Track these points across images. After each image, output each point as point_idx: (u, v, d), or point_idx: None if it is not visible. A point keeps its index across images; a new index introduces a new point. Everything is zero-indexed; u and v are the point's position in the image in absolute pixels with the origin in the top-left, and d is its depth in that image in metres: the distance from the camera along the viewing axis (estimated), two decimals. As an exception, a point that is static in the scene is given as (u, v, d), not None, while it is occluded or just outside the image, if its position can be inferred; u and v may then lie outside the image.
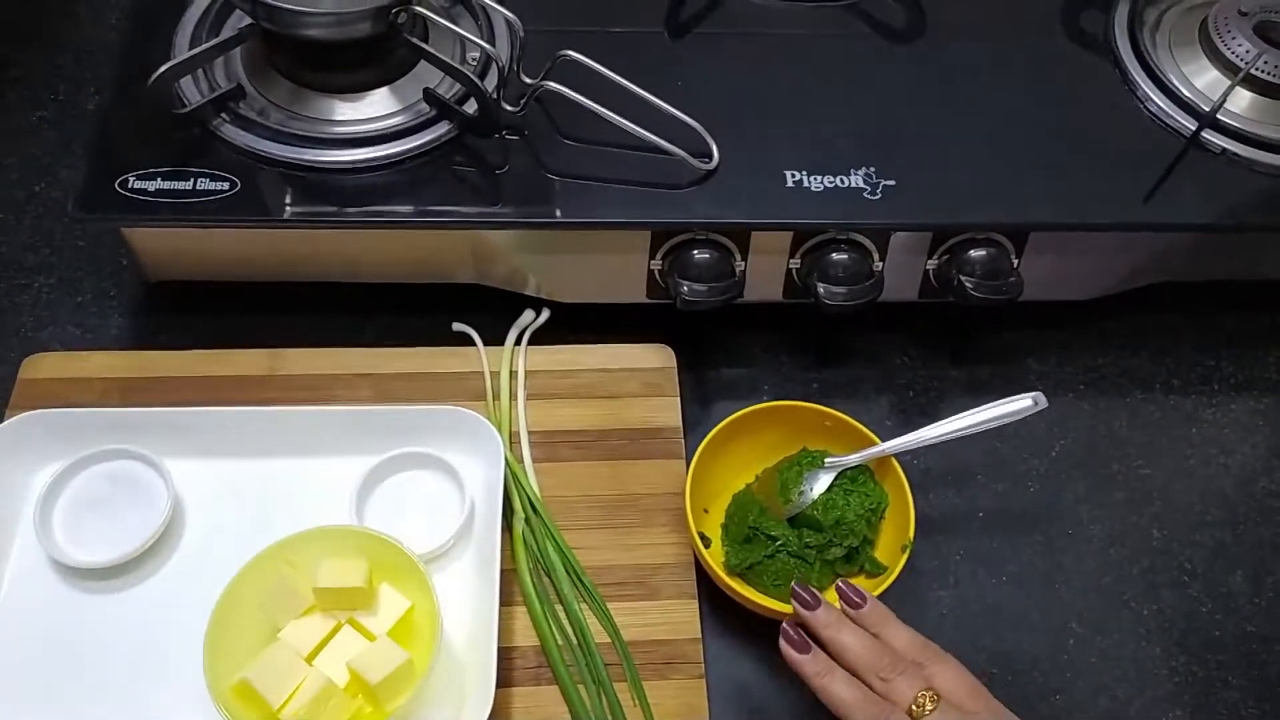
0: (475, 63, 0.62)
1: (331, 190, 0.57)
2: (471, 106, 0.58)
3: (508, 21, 0.60)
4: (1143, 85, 0.65)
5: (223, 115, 0.58)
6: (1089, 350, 0.67)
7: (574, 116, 0.60)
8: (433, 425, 0.55)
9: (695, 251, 0.59)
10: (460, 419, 0.55)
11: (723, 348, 0.65)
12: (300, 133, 0.58)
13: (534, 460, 0.58)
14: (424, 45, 0.57)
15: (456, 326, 0.62)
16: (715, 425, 0.57)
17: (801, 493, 0.55)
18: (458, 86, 0.59)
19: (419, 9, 0.55)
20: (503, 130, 0.60)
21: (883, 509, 0.56)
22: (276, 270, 0.61)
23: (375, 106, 0.60)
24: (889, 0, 0.70)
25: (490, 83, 0.59)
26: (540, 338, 0.63)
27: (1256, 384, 0.66)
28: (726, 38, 0.67)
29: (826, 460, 0.56)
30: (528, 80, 0.60)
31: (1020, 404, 0.54)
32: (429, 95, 0.59)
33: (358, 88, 0.60)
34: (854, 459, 0.55)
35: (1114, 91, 0.66)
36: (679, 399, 0.61)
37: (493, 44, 0.62)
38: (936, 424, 0.55)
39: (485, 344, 0.62)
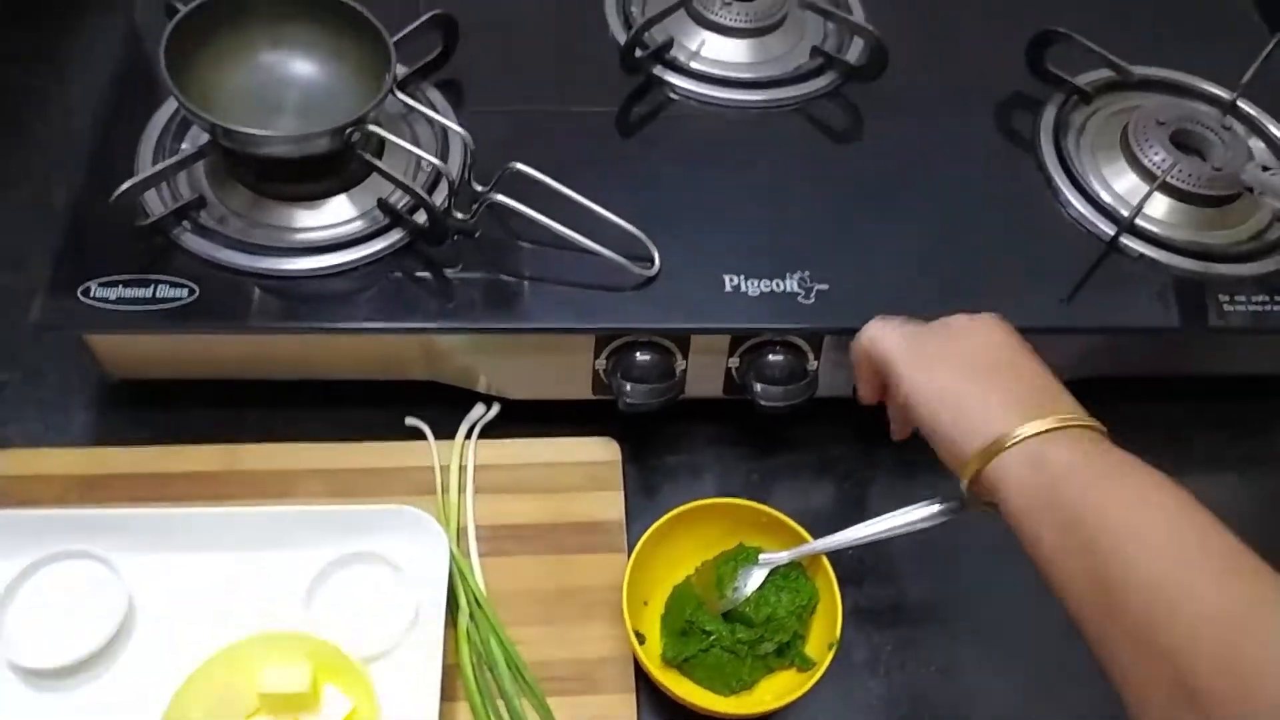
0: (430, 170, 0.65)
1: (288, 297, 0.60)
2: (423, 216, 0.61)
3: (461, 138, 0.63)
4: (1064, 190, 0.68)
5: (184, 224, 0.60)
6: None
7: (524, 220, 0.63)
8: (381, 523, 0.57)
9: (637, 354, 0.61)
10: (407, 518, 0.57)
11: (668, 438, 0.68)
12: (259, 241, 0.60)
13: (480, 555, 0.60)
14: (376, 162, 0.60)
15: (409, 421, 0.65)
16: (660, 515, 0.59)
17: (736, 589, 0.57)
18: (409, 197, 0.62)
19: (373, 128, 0.58)
20: (455, 235, 0.63)
21: (813, 605, 0.58)
22: (236, 370, 0.64)
23: (334, 213, 0.63)
24: (829, 104, 0.73)
25: (440, 195, 0.62)
26: (491, 430, 0.65)
27: (1181, 473, 0.69)
28: (674, 138, 0.70)
29: (760, 557, 0.58)
30: (479, 188, 0.63)
31: (948, 504, 0.56)
32: (382, 205, 0.61)
33: (316, 196, 0.62)
34: (785, 557, 0.57)
35: (1039, 195, 0.69)
36: (622, 492, 0.63)
37: (446, 155, 0.65)
38: (865, 524, 0.57)
39: (439, 436, 0.64)
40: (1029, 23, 0.75)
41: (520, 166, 0.62)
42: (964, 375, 0.50)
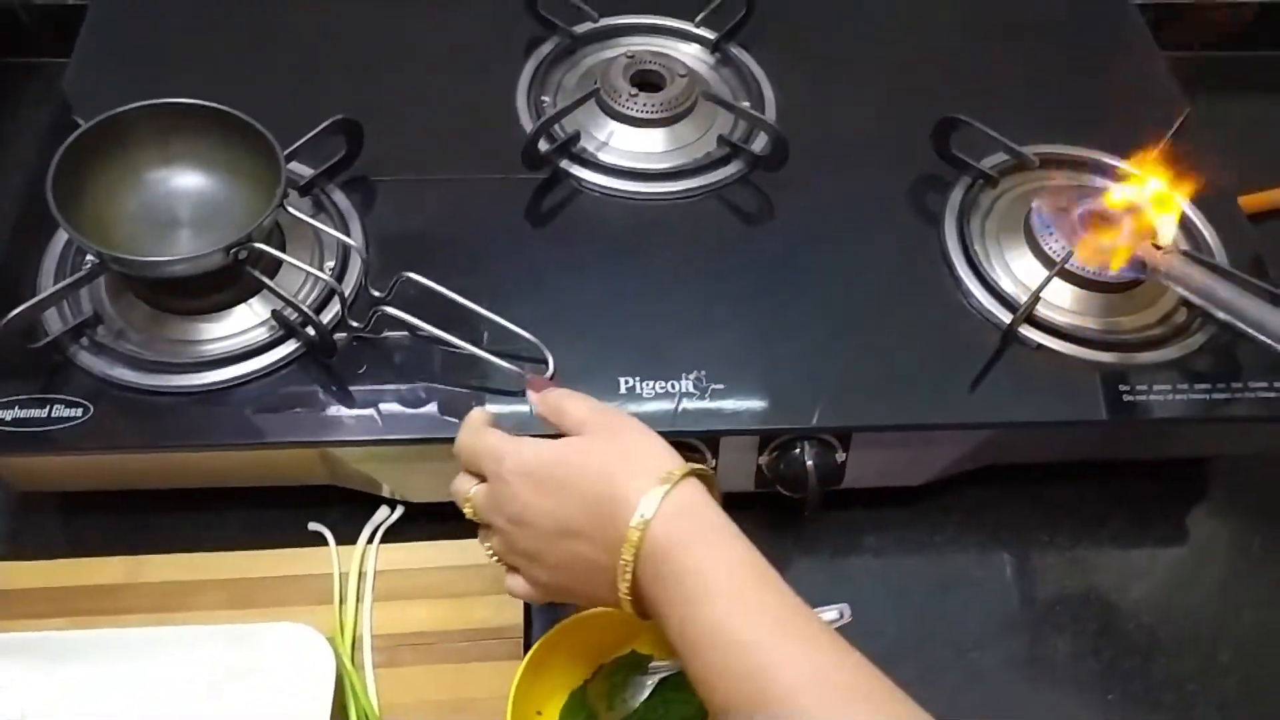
0: (332, 273, 0.65)
1: (183, 414, 0.60)
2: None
3: (356, 249, 0.64)
4: (965, 279, 0.68)
5: (81, 340, 0.61)
6: (928, 526, 0.70)
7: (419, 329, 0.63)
8: (268, 640, 0.57)
9: (531, 459, 0.62)
10: (294, 634, 0.57)
11: (575, 534, 0.68)
12: (153, 357, 0.61)
13: (376, 665, 0.60)
14: (264, 279, 0.60)
15: (312, 526, 0.65)
16: (564, 614, 0.59)
17: (624, 700, 0.57)
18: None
19: (260, 246, 0.59)
20: (354, 341, 0.63)
21: (703, 714, 0.58)
22: (139, 481, 0.64)
23: (235, 323, 0.63)
24: (735, 195, 0.73)
25: (330, 311, 0.62)
26: (397, 531, 0.66)
27: (1086, 561, 0.69)
28: (580, 233, 0.70)
29: (650, 665, 0.58)
30: (376, 293, 0.63)
31: (827, 615, 0.56)
32: (277, 316, 0.62)
33: (217, 308, 0.63)
34: (672, 666, 0.58)
35: (943, 283, 0.69)
36: (522, 595, 0.64)
37: (345, 260, 0.66)
38: (752, 631, 0.57)
39: (344, 538, 0.65)
40: (944, 105, 0.74)
41: (413, 275, 0.62)
42: (549, 569, 0.51)
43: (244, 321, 0.63)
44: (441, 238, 0.70)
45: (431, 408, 0.62)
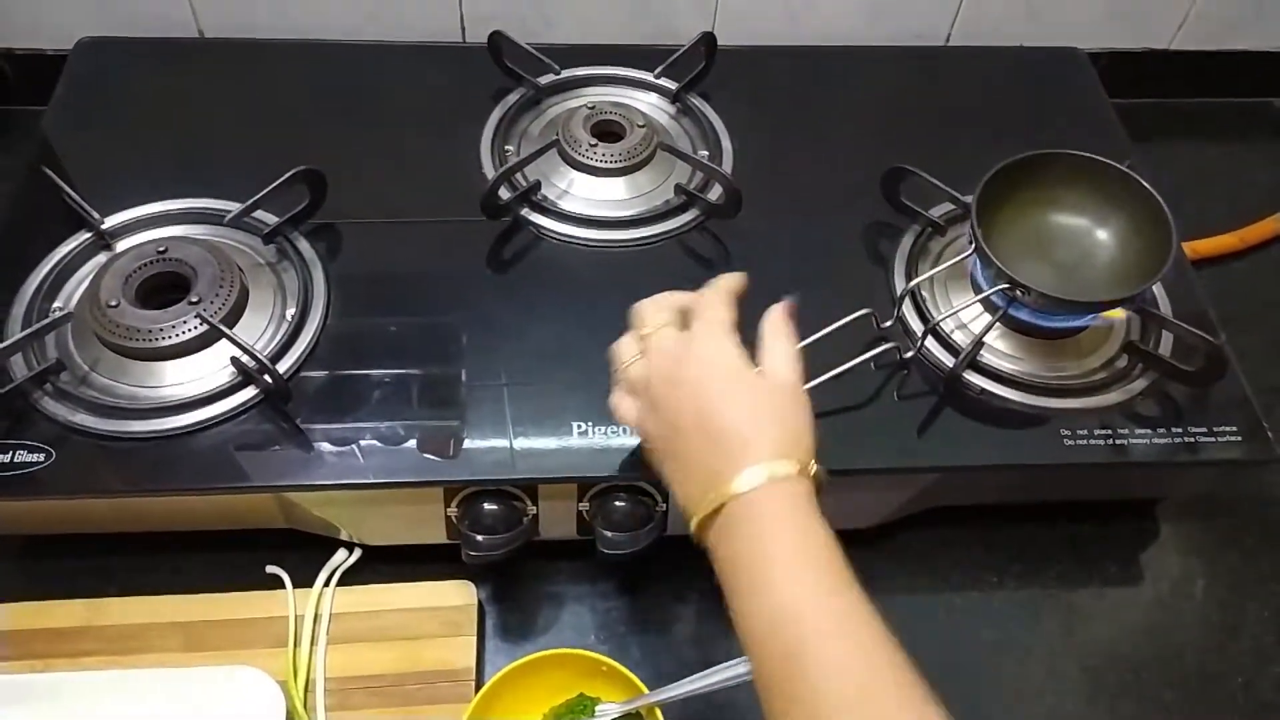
0: (292, 320, 0.67)
1: (142, 459, 0.61)
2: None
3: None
4: (911, 323, 0.70)
5: (44, 388, 0.63)
6: (880, 567, 0.71)
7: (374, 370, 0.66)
8: (219, 684, 0.58)
9: (485, 504, 0.63)
10: (246, 679, 0.58)
11: (530, 575, 0.69)
12: (114, 403, 0.62)
13: (328, 709, 0.61)
14: (224, 329, 0.62)
15: (270, 569, 0.66)
16: (519, 655, 0.60)
17: (571, 743, 0.58)
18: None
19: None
20: (313, 385, 0.65)
21: (647, 759, 0.59)
22: (99, 525, 0.66)
23: (197, 367, 0.65)
24: (690, 242, 0.75)
25: (292, 356, 0.65)
26: (355, 574, 0.67)
27: (1034, 603, 0.70)
28: (539, 281, 0.72)
29: (597, 709, 0.59)
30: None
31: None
32: (235, 362, 0.64)
33: (179, 353, 0.64)
34: (618, 709, 0.59)
35: (892, 328, 0.71)
36: (475, 638, 0.64)
37: (308, 304, 0.68)
38: (698, 676, 0.58)
39: (302, 581, 0.66)
40: (897, 154, 0.76)
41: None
42: (663, 430, 0.54)
43: (207, 364, 0.65)
44: (403, 283, 0.71)
45: (389, 453, 0.63)
